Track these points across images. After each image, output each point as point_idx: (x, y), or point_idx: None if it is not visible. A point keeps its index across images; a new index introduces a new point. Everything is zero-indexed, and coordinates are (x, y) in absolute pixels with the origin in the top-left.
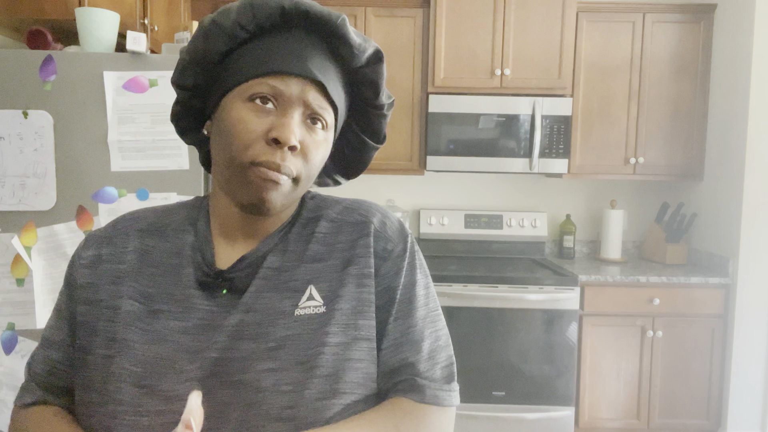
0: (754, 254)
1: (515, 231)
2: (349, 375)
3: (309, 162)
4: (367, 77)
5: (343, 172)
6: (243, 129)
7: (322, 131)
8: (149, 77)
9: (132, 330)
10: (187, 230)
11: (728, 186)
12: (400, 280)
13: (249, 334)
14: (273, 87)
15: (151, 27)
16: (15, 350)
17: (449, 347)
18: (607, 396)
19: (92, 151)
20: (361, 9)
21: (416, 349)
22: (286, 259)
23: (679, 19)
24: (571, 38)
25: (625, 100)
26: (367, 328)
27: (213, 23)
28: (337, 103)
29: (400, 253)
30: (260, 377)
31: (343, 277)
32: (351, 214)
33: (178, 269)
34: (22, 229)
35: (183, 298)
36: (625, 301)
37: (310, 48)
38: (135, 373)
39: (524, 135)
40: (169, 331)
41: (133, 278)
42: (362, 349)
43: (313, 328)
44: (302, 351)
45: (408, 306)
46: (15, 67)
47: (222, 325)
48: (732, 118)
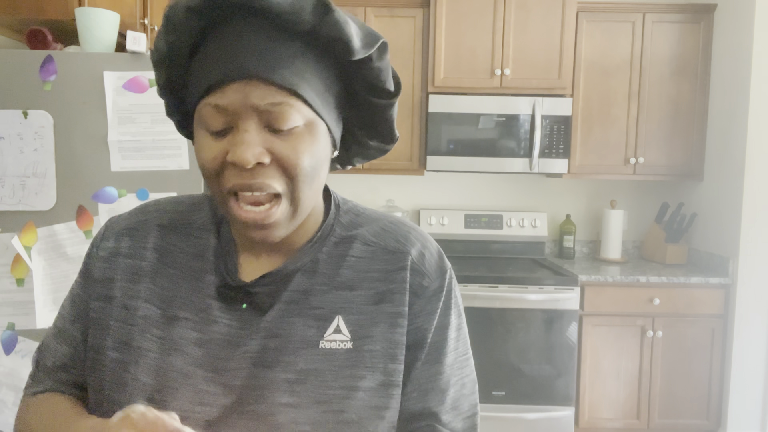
0: (754, 254)
1: (515, 231)
2: (373, 423)
3: (293, 172)
4: (324, 35)
5: (377, 138)
6: (206, 158)
7: (296, 128)
8: (149, 77)
9: (147, 338)
10: (211, 231)
11: (728, 186)
12: (433, 322)
13: (270, 361)
14: (215, 107)
15: (151, 27)
16: (15, 350)
17: (474, 394)
18: (607, 396)
19: (92, 151)
20: (361, 9)
21: (440, 398)
22: (314, 281)
23: (679, 19)
24: (571, 38)
25: (625, 100)
26: (397, 373)
27: (155, 52)
28: (296, 87)
29: (436, 290)
30: (276, 412)
31: (374, 314)
32: (389, 238)
33: (199, 274)
34: (22, 229)
35: (202, 308)
36: (625, 301)
37: (248, 37)
38: (148, 384)
39: (524, 135)
40: (185, 341)
41: (152, 279)
42: (390, 396)
43: (337, 365)
44: (323, 389)
45: (438, 351)
46: (15, 67)
47: (242, 347)
48: (732, 118)
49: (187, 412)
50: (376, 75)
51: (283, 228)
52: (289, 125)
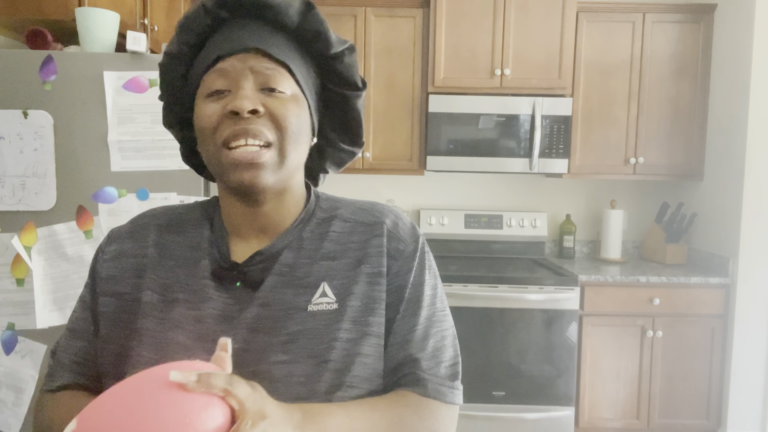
0: (754, 254)
1: (515, 231)
2: (357, 369)
3: (281, 122)
4: (308, 30)
5: (348, 138)
6: (205, 117)
7: (283, 94)
8: (149, 77)
9: (149, 319)
10: (204, 225)
11: (728, 186)
12: (410, 279)
13: (264, 327)
14: (219, 73)
15: (151, 27)
16: (15, 350)
17: (455, 348)
18: (607, 396)
19: (92, 151)
20: (361, 9)
21: (420, 346)
22: (300, 256)
23: (679, 19)
24: (571, 38)
25: (625, 100)
26: (377, 325)
27: (165, 55)
28: (287, 61)
29: (411, 253)
30: (273, 369)
31: (355, 276)
32: (364, 214)
33: (195, 261)
34: (22, 229)
35: (198, 288)
36: (625, 301)
37: (246, 26)
38: (152, 359)
39: (524, 135)
40: (184, 319)
41: (153, 270)
42: (371, 345)
43: (324, 324)
44: (314, 345)
45: (415, 305)
46: (15, 67)
47: (239, 318)
48: (732, 118)
49: None
50: (348, 69)
51: (270, 173)
52: (280, 87)
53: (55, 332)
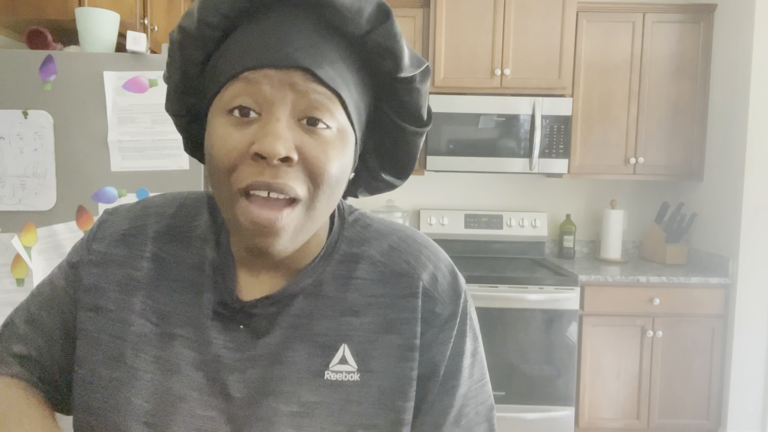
0: (754, 254)
1: (515, 231)
2: None
3: (318, 174)
4: (376, 44)
5: (392, 170)
6: (223, 149)
7: (328, 130)
8: (149, 77)
9: (142, 357)
10: (210, 241)
11: (728, 186)
12: (447, 352)
13: (272, 390)
14: (249, 84)
15: (151, 27)
16: None
17: (489, 421)
18: (607, 396)
19: (92, 151)
20: None
21: (451, 430)
22: (318, 305)
23: (679, 19)
24: (571, 38)
25: (625, 100)
26: (406, 411)
27: (179, 30)
28: (338, 88)
29: (449, 317)
30: None
31: (382, 345)
32: (398, 258)
33: (198, 289)
34: (22, 229)
35: (200, 327)
36: (625, 301)
37: (292, 28)
38: (143, 408)
39: (524, 135)
40: (182, 362)
41: (147, 292)
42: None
43: (343, 399)
44: (330, 425)
45: (451, 382)
46: (15, 67)
47: (245, 374)
48: (732, 118)
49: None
50: (416, 98)
51: (290, 239)
52: (326, 120)
53: None
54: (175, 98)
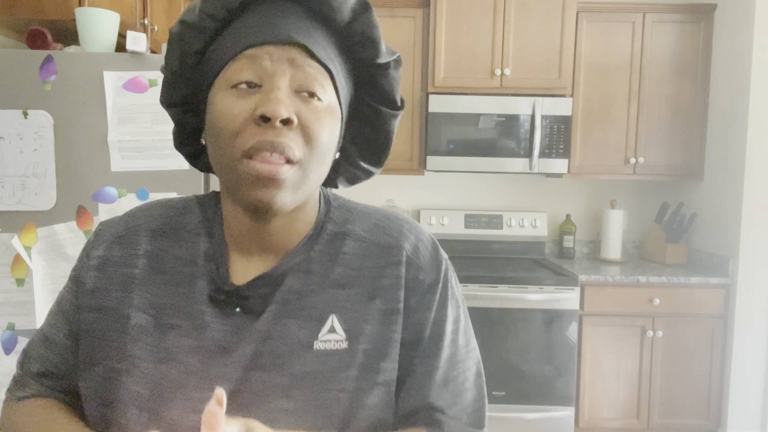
0: (754, 254)
1: (515, 231)
2: (361, 422)
3: (313, 138)
4: (357, 32)
5: (369, 157)
6: (228, 116)
7: (321, 102)
8: (149, 77)
9: (139, 346)
10: (201, 234)
11: (728, 186)
12: (430, 317)
13: (264, 364)
14: (251, 60)
15: (151, 27)
16: (15, 350)
17: (479, 388)
18: (607, 396)
19: (92, 151)
20: None
21: (439, 393)
22: (308, 281)
23: (679, 19)
24: (571, 38)
25: (625, 100)
26: (389, 372)
27: (181, 24)
28: (329, 65)
29: (432, 284)
30: (275, 417)
31: (368, 311)
32: (381, 233)
33: (191, 280)
34: (22, 229)
35: (194, 314)
36: (625, 301)
37: (288, 14)
38: (141, 395)
39: (524, 135)
40: (178, 350)
41: (144, 286)
42: (379, 395)
43: (333, 367)
44: (321, 392)
45: (434, 346)
46: (15, 67)
47: (236, 353)
48: (732, 118)
49: (181, 420)
50: (391, 83)
51: (290, 194)
52: (320, 94)
53: None
54: (172, 88)
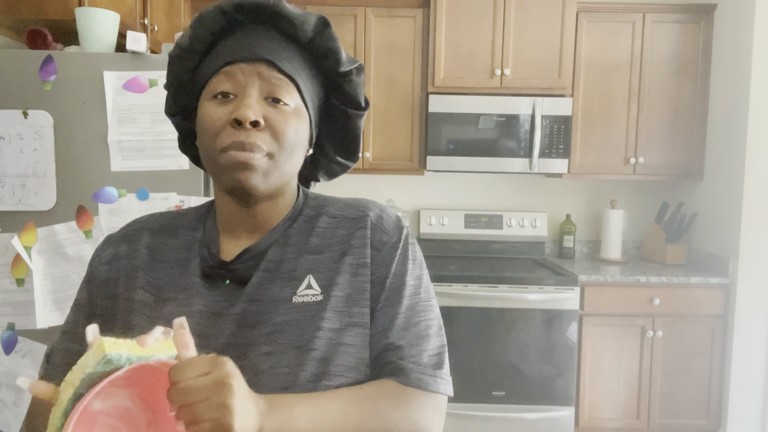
0: (754, 254)
1: (515, 231)
2: (341, 358)
3: (279, 135)
4: (320, 46)
5: (343, 153)
6: (209, 120)
7: (287, 107)
8: (149, 77)
9: (141, 317)
10: (197, 228)
11: (728, 186)
12: (391, 269)
13: (251, 321)
14: (228, 75)
15: (151, 27)
16: (15, 350)
17: (441, 338)
18: (607, 396)
19: (92, 151)
20: (361, 9)
21: (401, 335)
22: (287, 252)
23: (679, 19)
24: (571, 38)
25: (625, 100)
26: (361, 315)
27: (176, 47)
28: (294, 76)
29: (394, 243)
30: (258, 361)
31: (339, 267)
32: (350, 210)
33: (186, 262)
34: (22, 229)
35: (188, 286)
36: (625, 301)
37: (260, 35)
38: None
39: (524, 135)
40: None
41: (145, 271)
42: (355, 335)
43: (309, 315)
44: (298, 335)
45: (396, 294)
46: (15, 67)
47: (225, 315)
48: (732, 118)
49: None
50: (354, 88)
51: (262, 177)
52: (285, 99)
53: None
54: (172, 101)
